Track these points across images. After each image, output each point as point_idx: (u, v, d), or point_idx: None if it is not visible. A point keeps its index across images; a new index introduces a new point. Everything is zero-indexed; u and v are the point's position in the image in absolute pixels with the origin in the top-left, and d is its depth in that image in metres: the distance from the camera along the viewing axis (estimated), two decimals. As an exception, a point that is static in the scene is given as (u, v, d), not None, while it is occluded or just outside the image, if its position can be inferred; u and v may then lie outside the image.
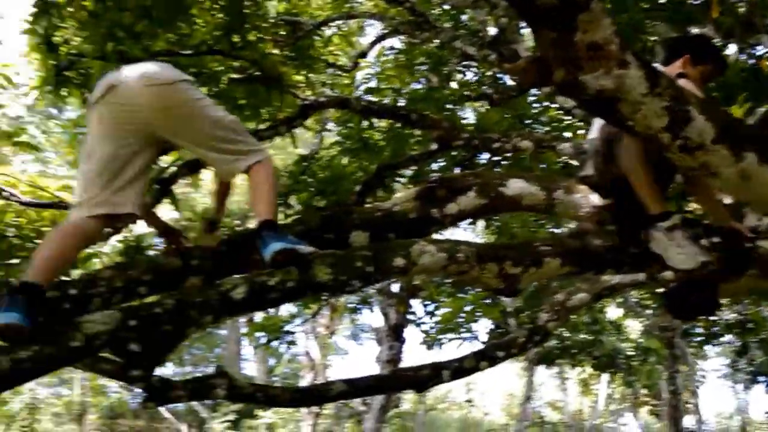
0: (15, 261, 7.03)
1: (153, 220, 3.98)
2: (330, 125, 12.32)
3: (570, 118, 8.64)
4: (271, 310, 24.20)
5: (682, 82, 3.24)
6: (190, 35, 7.87)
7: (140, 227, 8.31)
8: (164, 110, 3.38)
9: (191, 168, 7.78)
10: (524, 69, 2.65)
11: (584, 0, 2.32)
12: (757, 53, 6.78)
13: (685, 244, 3.24)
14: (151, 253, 7.28)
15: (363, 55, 11.68)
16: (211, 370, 4.70)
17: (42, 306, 2.90)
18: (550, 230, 10.17)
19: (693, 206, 5.13)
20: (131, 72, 3.46)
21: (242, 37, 8.08)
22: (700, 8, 6.21)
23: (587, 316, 18.61)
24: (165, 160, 8.47)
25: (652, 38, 6.76)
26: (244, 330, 28.78)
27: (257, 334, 11.76)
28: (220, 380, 4.49)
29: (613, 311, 22.03)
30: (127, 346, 2.91)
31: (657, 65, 3.90)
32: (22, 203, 7.66)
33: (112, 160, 3.35)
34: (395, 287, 17.94)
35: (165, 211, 8.22)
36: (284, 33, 9.58)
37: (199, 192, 26.19)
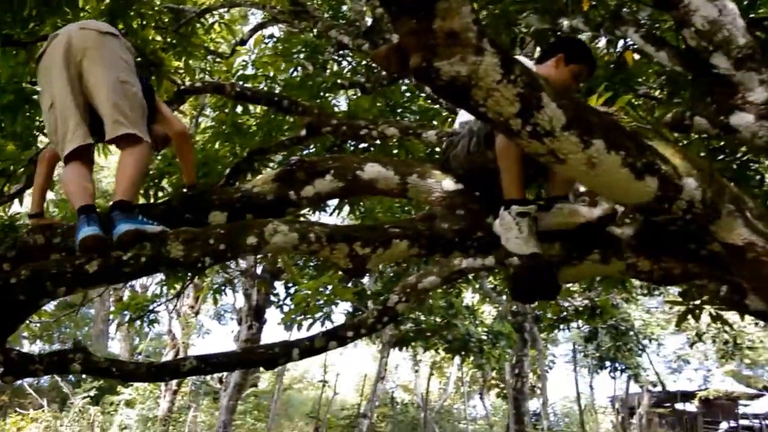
0: None
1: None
2: (208, 111, 12.27)
3: (437, 106, 8.79)
4: (138, 290, 23.95)
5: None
6: (76, 20, 7.73)
7: (15, 206, 8.21)
8: (88, 50, 3.70)
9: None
10: (385, 56, 2.66)
11: (444, -12, 2.33)
12: (624, 45, 6.97)
13: (525, 231, 3.40)
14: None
15: (242, 42, 11.79)
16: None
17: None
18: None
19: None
20: (75, 23, 3.96)
21: (126, 23, 8.00)
22: (571, 1, 6.36)
23: (443, 301, 18.97)
24: (44, 142, 8.34)
25: (524, 29, 6.89)
26: (111, 309, 28.67)
27: (122, 312, 11.63)
28: (77, 355, 4.48)
29: (469, 296, 22.56)
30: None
31: (522, 58, 4.03)
32: None
33: (66, 97, 3.65)
34: (259, 269, 18.01)
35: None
36: (167, 20, 9.50)
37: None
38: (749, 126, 3.93)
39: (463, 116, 4.11)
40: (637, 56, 6.71)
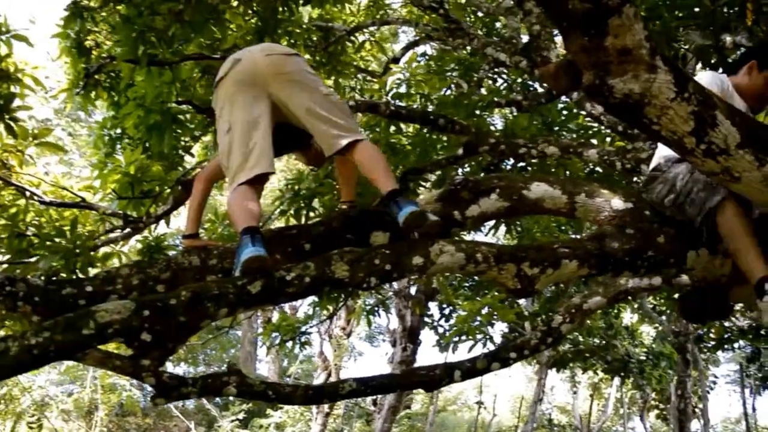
0: (32, 259, 7.01)
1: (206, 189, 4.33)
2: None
3: (597, 125, 8.63)
4: (288, 311, 24.17)
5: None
6: (223, 39, 7.87)
7: (161, 227, 8.36)
8: (280, 75, 3.77)
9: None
10: (554, 73, 2.67)
11: (616, 5, 2.32)
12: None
13: None
14: (171, 253, 7.24)
15: (395, 60, 11.68)
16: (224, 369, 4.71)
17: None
18: (572, 236, 10.16)
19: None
20: (253, 48, 3.94)
21: (274, 42, 8.08)
22: (734, 16, 6.22)
23: (602, 321, 18.64)
24: (191, 163, 8.54)
25: (685, 46, 6.75)
26: (259, 331, 28.97)
27: (272, 334, 11.69)
28: (232, 378, 4.50)
29: (628, 317, 22.10)
30: (139, 336, 2.92)
31: (712, 73, 3.97)
32: (43, 203, 7.74)
33: (247, 124, 3.69)
34: (413, 290, 17.99)
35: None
36: (316, 38, 9.63)
37: (223, 195, 26.35)
38: None
39: (663, 150, 4.01)
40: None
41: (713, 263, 3.67)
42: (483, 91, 9.72)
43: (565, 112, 9.25)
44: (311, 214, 7.96)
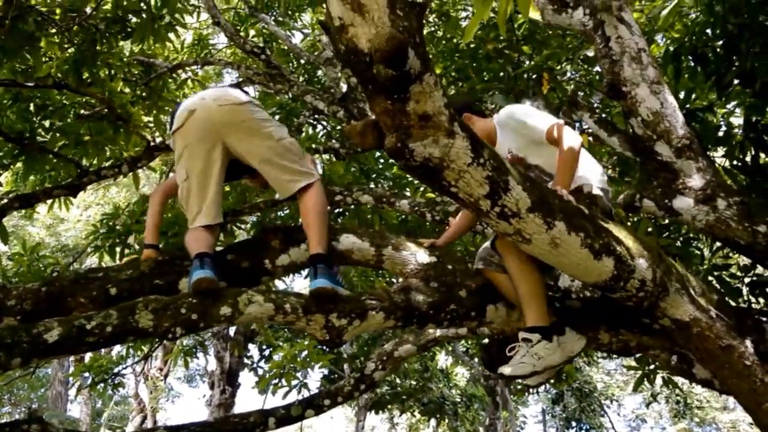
0: None
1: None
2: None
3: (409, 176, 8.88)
4: (101, 350, 23.21)
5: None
6: (37, 67, 7.63)
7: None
8: (233, 125, 3.91)
9: (24, 201, 7.56)
10: (361, 131, 2.73)
11: (417, 73, 2.43)
12: (580, 128, 7.27)
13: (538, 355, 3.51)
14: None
15: (216, 101, 11.51)
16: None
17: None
18: (388, 282, 10.34)
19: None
20: (206, 96, 4.03)
21: (92, 73, 7.94)
22: (533, 84, 6.64)
23: (418, 364, 18.95)
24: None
25: (491, 106, 7.09)
26: (71, 370, 27.60)
27: (83, 374, 11.15)
28: (33, 426, 4.32)
29: (443, 359, 22.56)
30: None
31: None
32: None
33: (202, 174, 3.92)
34: (231, 331, 17.73)
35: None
36: (137, 72, 9.48)
37: (35, 226, 25.26)
38: (689, 209, 4.29)
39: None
40: (591, 139, 6.99)
41: (511, 317, 3.89)
42: (303, 136, 9.80)
43: (381, 161, 9.46)
44: (126, 251, 7.79)
